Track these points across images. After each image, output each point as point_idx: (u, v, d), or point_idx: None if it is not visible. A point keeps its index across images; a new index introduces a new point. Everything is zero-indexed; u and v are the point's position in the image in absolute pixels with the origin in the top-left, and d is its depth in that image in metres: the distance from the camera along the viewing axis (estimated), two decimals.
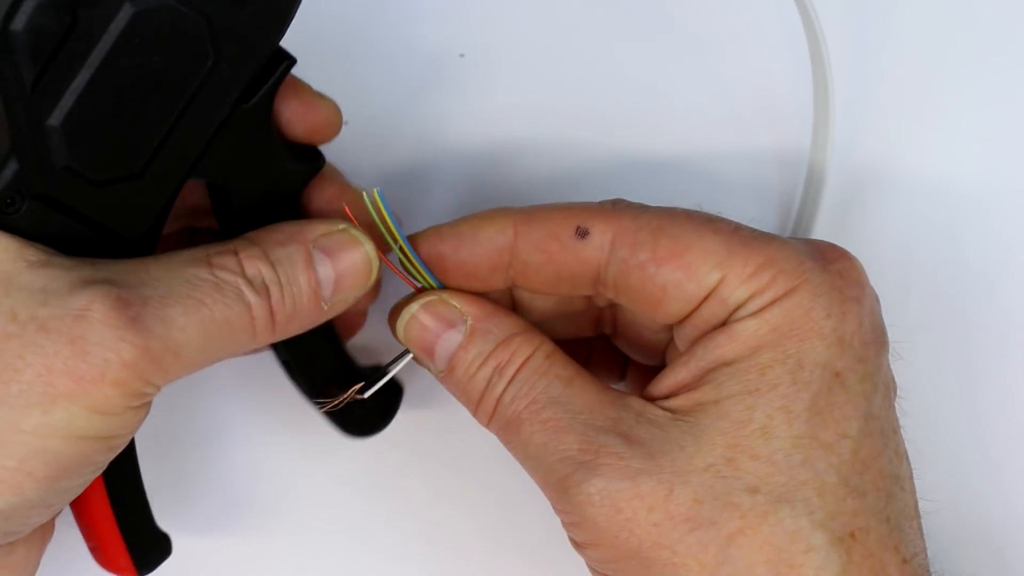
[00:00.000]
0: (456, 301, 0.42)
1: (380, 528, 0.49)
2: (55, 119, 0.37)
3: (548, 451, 0.39)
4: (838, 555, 0.38)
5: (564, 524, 0.40)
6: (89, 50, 0.37)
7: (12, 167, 0.38)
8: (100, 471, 0.39)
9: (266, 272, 0.40)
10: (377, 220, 0.41)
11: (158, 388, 0.38)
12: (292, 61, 0.41)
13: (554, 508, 0.41)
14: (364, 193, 0.41)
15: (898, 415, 0.41)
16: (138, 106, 0.38)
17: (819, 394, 0.39)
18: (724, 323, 0.40)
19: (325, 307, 0.41)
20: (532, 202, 0.43)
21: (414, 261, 0.42)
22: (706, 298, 0.40)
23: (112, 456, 0.39)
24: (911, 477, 0.41)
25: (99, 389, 0.36)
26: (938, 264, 0.50)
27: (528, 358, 0.41)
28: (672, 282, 0.40)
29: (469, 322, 0.42)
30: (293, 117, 0.42)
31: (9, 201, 0.38)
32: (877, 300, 0.41)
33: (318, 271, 0.41)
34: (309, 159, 0.43)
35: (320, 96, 0.43)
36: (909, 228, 0.50)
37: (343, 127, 0.44)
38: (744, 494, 0.38)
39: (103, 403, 0.37)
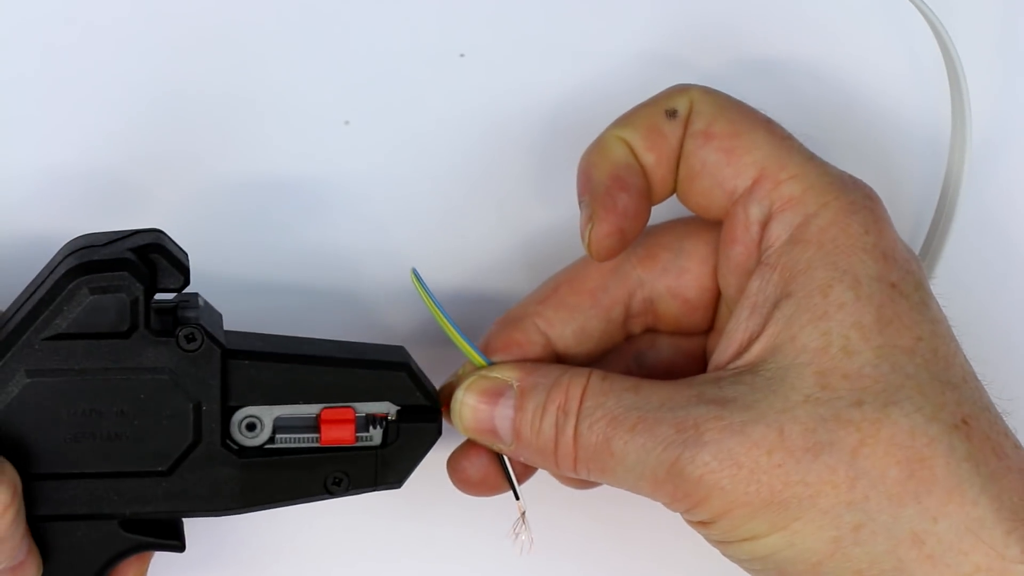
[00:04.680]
0: (496, 372, 0.42)
1: (380, 528, 0.48)
2: None
3: (647, 449, 0.39)
4: (959, 440, 0.38)
5: (687, 512, 0.40)
6: None
7: None
8: None
9: None
10: (423, 298, 0.42)
11: None
12: None
13: (671, 503, 0.40)
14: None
15: None
16: None
17: (883, 305, 0.40)
18: (760, 254, 0.41)
19: None
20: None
21: (456, 336, 0.42)
22: (740, 199, 0.41)
23: None
24: None
25: None
26: None
27: (585, 387, 0.41)
28: (713, 162, 0.41)
29: (515, 385, 0.42)
30: None
31: None
32: None
33: None
34: None
35: None
36: None
37: (344, 126, 0.45)
38: (851, 409, 0.38)
39: None
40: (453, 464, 0.44)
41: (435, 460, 0.44)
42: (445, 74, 0.48)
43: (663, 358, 0.46)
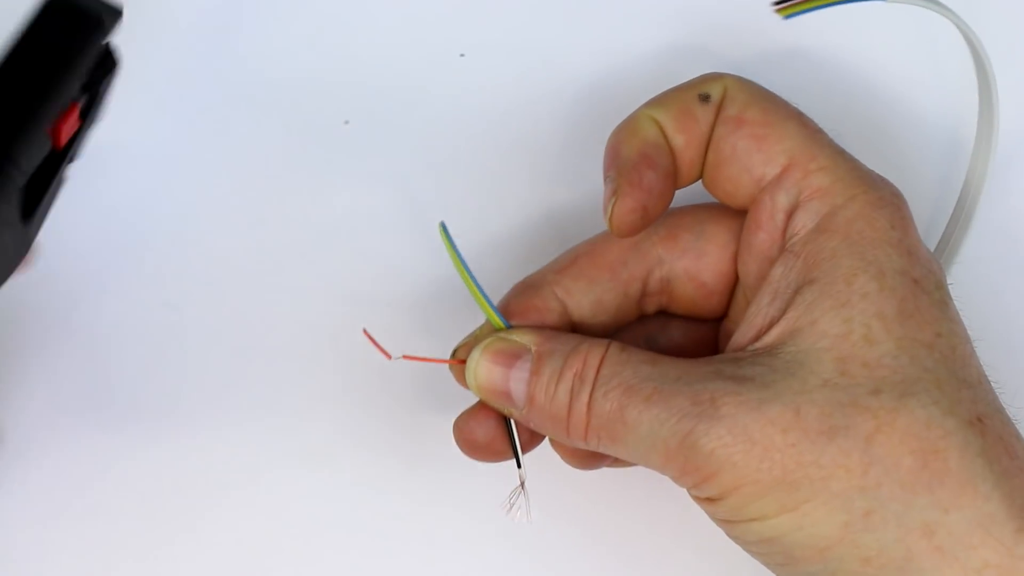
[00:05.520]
0: (515, 335, 0.42)
1: (380, 528, 0.48)
2: None
3: (661, 420, 0.39)
4: (974, 436, 0.38)
5: (696, 487, 0.39)
6: None
7: None
8: None
9: None
10: (449, 253, 0.42)
11: None
12: None
13: (680, 477, 0.40)
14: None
15: None
16: None
17: (905, 299, 0.39)
18: (784, 242, 0.41)
19: None
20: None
21: (479, 296, 0.42)
22: (767, 187, 0.41)
23: None
24: None
25: None
26: None
27: (604, 356, 0.41)
28: (743, 148, 0.42)
29: (533, 349, 0.41)
30: None
31: None
32: None
33: None
34: None
35: None
36: None
37: (344, 126, 0.44)
38: (869, 397, 0.38)
39: None
40: (460, 425, 0.44)
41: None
42: (445, 74, 0.48)
43: (674, 342, 0.46)
